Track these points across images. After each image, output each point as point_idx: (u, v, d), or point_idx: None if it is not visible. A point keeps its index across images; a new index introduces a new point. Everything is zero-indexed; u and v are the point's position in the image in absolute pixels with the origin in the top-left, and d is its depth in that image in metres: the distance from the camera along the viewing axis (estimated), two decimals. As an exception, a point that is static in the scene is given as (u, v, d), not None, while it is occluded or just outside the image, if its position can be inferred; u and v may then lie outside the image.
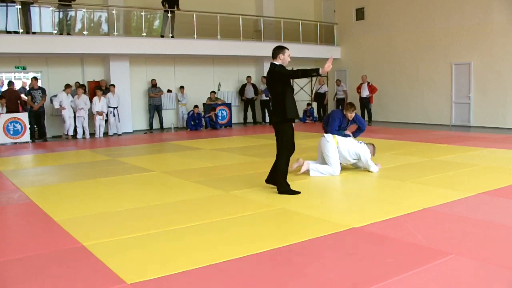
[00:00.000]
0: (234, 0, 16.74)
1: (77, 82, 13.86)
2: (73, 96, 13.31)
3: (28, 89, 12.97)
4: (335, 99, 17.17)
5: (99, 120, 13.56)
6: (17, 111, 12.38)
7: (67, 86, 13.17)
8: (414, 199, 5.25)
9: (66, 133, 13.22)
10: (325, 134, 6.96)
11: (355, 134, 7.79)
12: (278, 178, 5.67)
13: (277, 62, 5.61)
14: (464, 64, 14.26)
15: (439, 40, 14.87)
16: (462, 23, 14.19)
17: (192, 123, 14.97)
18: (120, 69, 14.58)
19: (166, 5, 14.56)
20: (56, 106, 13.01)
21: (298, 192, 5.61)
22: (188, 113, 15.31)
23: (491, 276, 3.19)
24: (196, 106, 15.06)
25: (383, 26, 16.57)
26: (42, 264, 3.54)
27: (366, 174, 6.79)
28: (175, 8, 14.59)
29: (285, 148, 5.64)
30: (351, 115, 7.58)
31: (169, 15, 14.58)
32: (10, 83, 12.98)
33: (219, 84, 16.70)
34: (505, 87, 13.40)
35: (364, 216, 4.60)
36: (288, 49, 5.71)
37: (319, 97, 17.33)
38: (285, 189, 5.63)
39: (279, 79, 5.54)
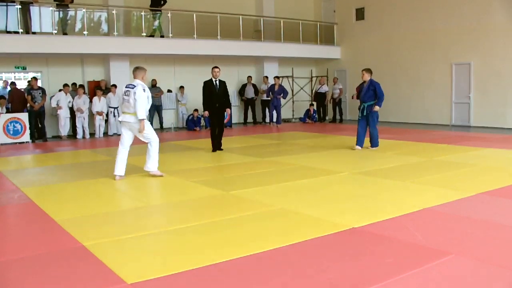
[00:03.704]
0: (234, 0, 16.73)
1: (73, 83, 13.84)
2: (71, 97, 13.32)
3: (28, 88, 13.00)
4: (331, 99, 17.08)
5: (99, 120, 13.56)
6: (23, 111, 12.38)
7: (65, 85, 13.18)
8: (414, 199, 5.25)
9: (62, 134, 13.18)
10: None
11: (378, 103, 9.10)
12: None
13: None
14: (464, 64, 14.25)
15: (439, 40, 14.86)
16: (462, 23, 14.18)
17: (198, 129, 14.86)
18: (120, 69, 14.55)
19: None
20: (53, 104, 13.00)
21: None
22: (188, 117, 15.29)
23: (491, 276, 3.19)
24: (195, 110, 15.02)
25: (383, 26, 16.56)
26: (42, 264, 3.54)
27: (366, 175, 6.79)
28: (161, 6, 14.49)
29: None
30: (363, 75, 9.13)
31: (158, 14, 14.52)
32: (13, 83, 13.00)
33: (220, 84, 16.68)
34: (505, 87, 13.39)
35: (364, 216, 4.60)
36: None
37: (320, 97, 17.29)
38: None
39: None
